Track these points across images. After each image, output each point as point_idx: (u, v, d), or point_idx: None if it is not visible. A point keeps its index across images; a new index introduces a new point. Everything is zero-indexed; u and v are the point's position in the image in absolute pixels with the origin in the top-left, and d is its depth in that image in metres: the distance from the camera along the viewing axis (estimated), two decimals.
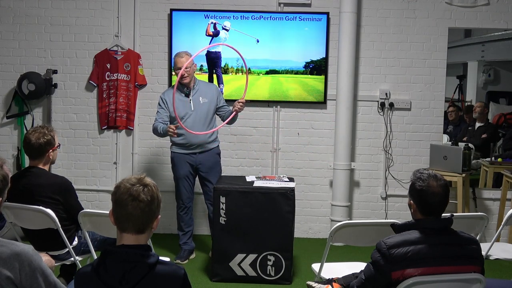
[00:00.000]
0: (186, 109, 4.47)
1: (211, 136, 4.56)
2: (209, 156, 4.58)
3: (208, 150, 4.57)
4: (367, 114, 5.42)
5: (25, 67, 5.43)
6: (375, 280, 2.41)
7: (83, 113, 5.50)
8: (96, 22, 5.42)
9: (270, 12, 5.29)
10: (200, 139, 4.48)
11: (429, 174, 2.45)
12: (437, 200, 2.41)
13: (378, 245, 2.40)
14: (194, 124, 4.43)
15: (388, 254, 2.34)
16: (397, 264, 2.34)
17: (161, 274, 1.93)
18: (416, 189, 2.44)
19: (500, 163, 5.48)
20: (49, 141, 3.36)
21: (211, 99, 4.55)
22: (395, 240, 2.38)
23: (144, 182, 2.01)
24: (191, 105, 4.48)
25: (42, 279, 2.04)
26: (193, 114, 4.48)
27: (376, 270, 2.39)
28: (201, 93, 4.53)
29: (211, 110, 4.55)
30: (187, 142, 4.49)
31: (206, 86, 4.67)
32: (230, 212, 4.14)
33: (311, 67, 5.33)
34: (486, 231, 4.45)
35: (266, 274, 4.16)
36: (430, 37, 5.33)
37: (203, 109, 4.51)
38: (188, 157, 4.54)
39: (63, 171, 5.39)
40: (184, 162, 4.54)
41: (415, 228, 2.42)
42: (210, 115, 4.55)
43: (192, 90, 4.51)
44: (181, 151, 4.55)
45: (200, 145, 4.52)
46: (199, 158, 4.55)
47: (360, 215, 5.46)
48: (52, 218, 3.20)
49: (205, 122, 4.51)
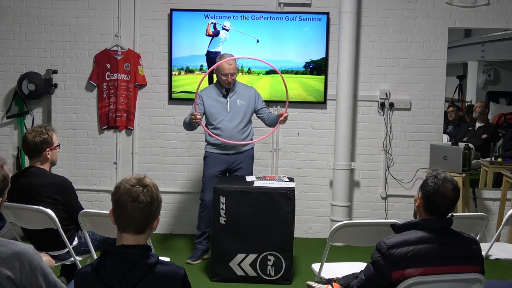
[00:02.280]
0: (222, 110, 4.46)
1: (246, 138, 4.54)
2: (243, 157, 4.57)
3: (243, 152, 4.56)
4: (367, 114, 5.42)
5: (25, 67, 5.44)
6: (375, 280, 2.41)
7: (83, 113, 5.50)
8: (96, 22, 5.42)
9: (270, 12, 5.29)
10: (235, 140, 4.47)
11: (446, 176, 2.45)
12: (445, 202, 2.41)
13: (378, 245, 2.40)
14: (228, 126, 4.43)
15: (388, 254, 2.34)
16: (397, 264, 2.33)
17: (160, 274, 1.93)
18: (428, 185, 2.43)
19: (500, 163, 5.48)
20: (45, 140, 3.36)
21: (249, 102, 4.52)
22: (395, 240, 2.38)
23: (143, 183, 2.01)
24: (228, 106, 4.46)
25: (42, 278, 2.04)
26: (228, 116, 4.46)
27: (376, 270, 2.39)
28: (239, 95, 4.50)
29: (248, 113, 4.52)
30: (221, 142, 4.47)
31: (245, 88, 4.61)
32: (230, 212, 4.14)
33: (311, 67, 5.33)
34: (486, 231, 4.45)
35: (266, 274, 4.16)
36: (430, 37, 5.33)
37: (240, 111, 4.48)
38: (221, 157, 4.53)
39: (63, 171, 5.39)
40: (216, 162, 4.53)
41: (416, 228, 2.42)
42: (247, 118, 4.52)
43: (230, 92, 4.49)
44: (215, 151, 4.54)
45: (235, 146, 4.51)
46: (233, 159, 4.54)
47: (360, 215, 5.46)
48: (52, 218, 3.19)
49: (240, 124, 4.48)
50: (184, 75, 5.38)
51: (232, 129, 4.46)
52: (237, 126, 4.48)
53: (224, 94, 4.49)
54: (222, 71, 4.39)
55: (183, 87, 5.40)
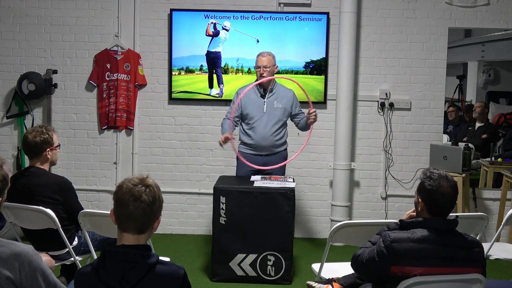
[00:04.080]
0: (258, 110, 4.41)
1: (280, 139, 4.49)
2: (276, 159, 4.50)
3: (276, 153, 4.51)
4: (367, 114, 5.42)
5: (25, 67, 5.44)
6: (375, 266, 2.44)
7: (83, 113, 5.50)
8: (96, 22, 5.42)
9: (270, 12, 5.29)
10: (268, 142, 4.43)
11: (440, 174, 2.46)
12: (447, 201, 2.43)
13: (384, 236, 2.43)
14: (264, 127, 4.40)
15: (391, 248, 2.37)
16: (397, 258, 2.36)
17: (161, 274, 1.93)
18: (426, 188, 2.44)
19: (500, 163, 5.48)
20: (46, 140, 3.36)
21: (286, 105, 4.47)
22: (400, 235, 2.40)
23: (146, 183, 2.01)
24: (264, 107, 4.42)
25: (42, 279, 2.04)
26: (264, 116, 4.41)
27: (380, 258, 2.42)
28: (277, 97, 4.45)
29: (284, 115, 4.47)
30: (255, 143, 4.45)
31: (284, 91, 4.54)
32: (230, 212, 4.14)
33: (311, 67, 5.33)
34: (486, 231, 4.44)
35: (266, 274, 4.16)
36: (430, 37, 5.33)
37: (276, 113, 4.43)
38: (254, 158, 4.47)
39: (63, 171, 5.39)
40: (249, 161, 4.43)
41: (421, 227, 2.43)
42: (282, 121, 4.47)
43: (268, 92, 4.44)
44: (248, 151, 4.49)
45: (267, 148, 4.47)
46: (265, 160, 4.49)
47: (360, 215, 5.46)
48: (52, 218, 3.19)
49: (275, 126, 4.44)
50: (184, 75, 5.38)
51: (267, 130, 4.41)
52: (271, 128, 4.42)
53: (262, 94, 4.44)
54: (257, 63, 4.39)
55: (183, 87, 5.40)
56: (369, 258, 2.47)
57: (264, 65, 4.35)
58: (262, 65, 4.35)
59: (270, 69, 4.37)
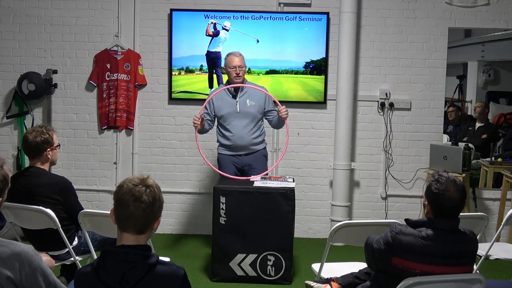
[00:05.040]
0: (232, 111, 4.40)
1: (257, 138, 4.48)
2: (255, 158, 4.50)
3: (254, 152, 4.50)
4: (367, 114, 5.42)
5: (25, 67, 5.44)
6: (380, 253, 2.48)
7: (83, 113, 5.50)
8: (96, 22, 5.42)
9: (270, 12, 5.29)
10: (245, 141, 4.42)
11: (448, 178, 2.45)
12: (453, 205, 2.42)
13: (391, 226, 2.48)
14: (239, 127, 4.39)
15: (397, 239, 2.41)
16: (401, 251, 2.39)
17: (161, 274, 1.93)
18: (432, 191, 2.44)
19: (500, 163, 5.48)
20: (46, 140, 3.36)
21: (259, 101, 4.44)
22: (407, 230, 2.43)
23: (146, 183, 2.01)
24: (237, 106, 4.40)
25: (42, 279, 2.04)
26: (238, 116, 4.40)
27: (385, 246, 2.46)
28: (249, 95, 4.43)
29: (258, 113, 4.45)
30: (232, 144, 4.44)
31: (255, 88, 4.51)
32: (230, 212, 4.14)
33: (311, 67, 5.33)
34: (486, 231, 4.45)
35: (266, 274, 4.16)
36: (430, 37, 5.33)
37: (250, 111, 4.41)
38: (233, 159, 4.48)
39: (63, 171, 5.39)
40: (229, 163, 4.48)
41: (427, 226, 2.44)
42: (257, 118, 4.45)
43: (240, 92, 4.42)
44: (227, 152, 4.49)
45: (246, 147, 4.46)
46: (245, 160, 4.48)
47: (360, 215, 5.46)
48: (52, 218, 3.19)
49: (250, 124, 4.42)
50: (184, 75, 5.38)
51: (243, 129, 4.40)
52: (247, 126, 4.41)
53: (233, 95, 4.43)
54: (231, 63, 4.35)
55: (183, 87, 5.40)
56: (377, 242, 2.53)
57: (239, 65, 4.33)
58: (238, 65, 4.32)
59: (244, 68, 4.39)
